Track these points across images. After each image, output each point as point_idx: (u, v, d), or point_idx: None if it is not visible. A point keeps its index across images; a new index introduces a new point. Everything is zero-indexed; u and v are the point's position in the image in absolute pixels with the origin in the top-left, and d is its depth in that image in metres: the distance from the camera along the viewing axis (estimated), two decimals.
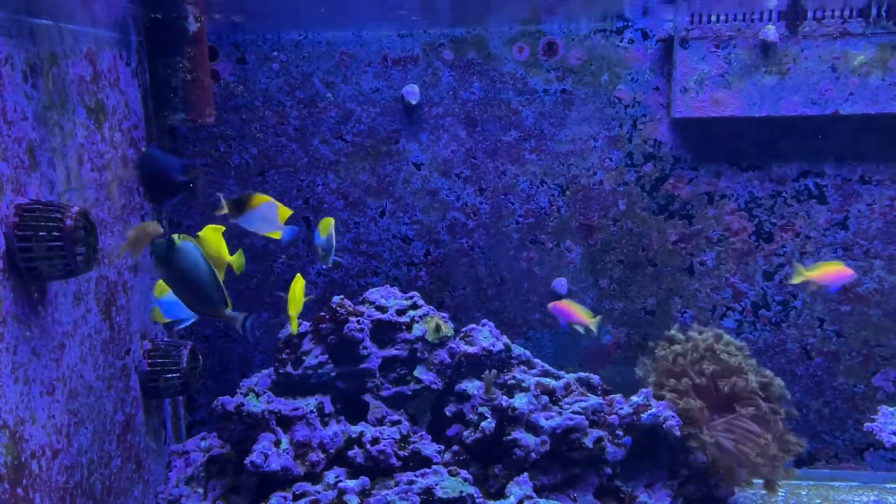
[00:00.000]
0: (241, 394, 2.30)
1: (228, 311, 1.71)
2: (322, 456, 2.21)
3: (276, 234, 1.91)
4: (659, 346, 2.53)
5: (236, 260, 1.93)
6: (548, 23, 2.66)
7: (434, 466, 2.19)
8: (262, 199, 1.86)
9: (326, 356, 2.34)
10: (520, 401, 2.27)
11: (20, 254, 1.60)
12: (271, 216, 1.87)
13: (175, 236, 1.68)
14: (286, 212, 1.90)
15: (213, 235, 1.87)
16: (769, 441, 2.28)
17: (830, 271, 2.39)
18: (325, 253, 2.06)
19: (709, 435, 2.29)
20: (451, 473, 2.17)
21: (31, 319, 1.67)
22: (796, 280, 2.41)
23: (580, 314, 2.42)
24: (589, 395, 2.39)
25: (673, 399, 2.35)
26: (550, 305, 2.49)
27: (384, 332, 2.40)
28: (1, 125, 1.59)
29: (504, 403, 2.26)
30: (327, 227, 2.07)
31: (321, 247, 2.06)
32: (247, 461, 2.15)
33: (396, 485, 2.13)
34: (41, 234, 1.61)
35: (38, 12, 1.81)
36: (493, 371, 2.34)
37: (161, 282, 2.04)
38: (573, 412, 2.27)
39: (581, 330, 2.45)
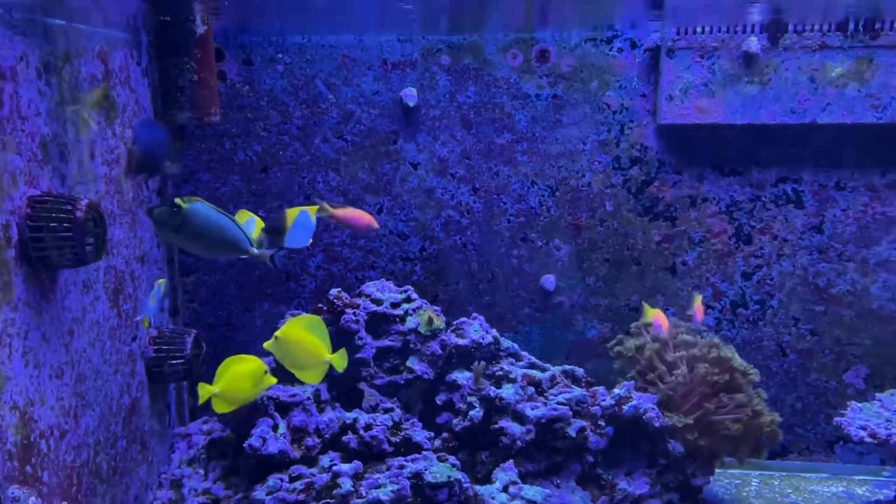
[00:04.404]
0: None
1: (255, 250, 1.76)
2: (318, 441, 2.26)
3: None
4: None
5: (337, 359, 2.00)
6: (541, 31, 2.75)
7: (424, 452, 2.23)
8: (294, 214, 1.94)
9: None
10: (507, 391, 2.32)
11: (32, 244, 1.62)
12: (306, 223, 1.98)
13: (178, 200, 1.67)
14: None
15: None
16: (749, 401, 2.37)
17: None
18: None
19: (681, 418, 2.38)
20: (440, 459, 2.21)
21: (41, 306, 1.70)
22: None
23: None
24: (573, 386, 2.44)
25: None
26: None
27: (379, 323, 2.46)
28: (15, 120, 1.61)
29: (492, 393, 2.32)
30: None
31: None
32: (245, 444, 2.20)
33: (388, 469, 2.17)
34: (52, 224, 1.63)
35: (53, 12, 1.83)
36: (483, 362, 2.39)
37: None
38: (558, 403, 2.32)
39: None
